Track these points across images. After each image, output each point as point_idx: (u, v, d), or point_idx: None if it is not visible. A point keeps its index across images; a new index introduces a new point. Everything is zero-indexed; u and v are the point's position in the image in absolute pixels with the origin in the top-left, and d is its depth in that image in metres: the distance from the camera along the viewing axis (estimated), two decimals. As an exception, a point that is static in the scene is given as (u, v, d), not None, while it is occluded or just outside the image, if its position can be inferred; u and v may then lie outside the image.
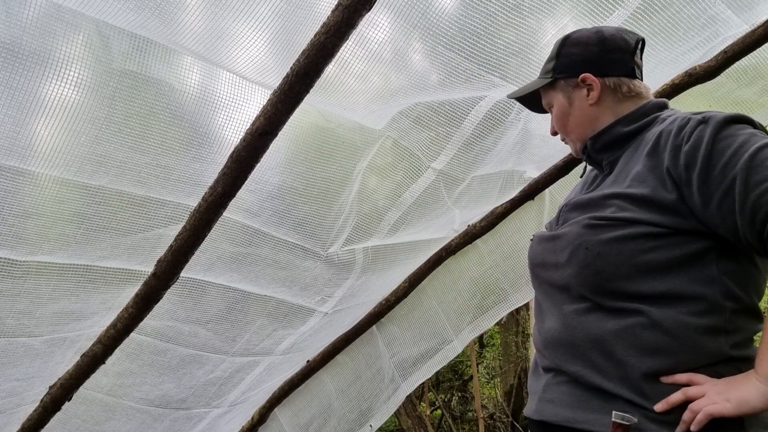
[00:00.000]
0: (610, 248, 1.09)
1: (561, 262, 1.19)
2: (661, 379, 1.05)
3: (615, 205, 1.13)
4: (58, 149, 1.47)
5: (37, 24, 1.30)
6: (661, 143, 1.12)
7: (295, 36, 1.46)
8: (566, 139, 1.40)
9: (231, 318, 2.20)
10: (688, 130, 1.08)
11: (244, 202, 1.84)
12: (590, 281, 1.12)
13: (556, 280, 1.21)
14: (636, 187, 1.11)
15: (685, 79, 2.04)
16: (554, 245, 1.22)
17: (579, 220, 1.18)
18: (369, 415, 2.93)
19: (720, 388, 1.00)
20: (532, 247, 1.34)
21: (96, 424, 2.29)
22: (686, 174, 1.05)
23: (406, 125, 1.92)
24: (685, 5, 1.70)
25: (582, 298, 1.15)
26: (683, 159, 1.06)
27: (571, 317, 1.16)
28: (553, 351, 1.19)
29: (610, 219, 1.12)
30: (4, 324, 1.76)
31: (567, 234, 1.19)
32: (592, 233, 1.13)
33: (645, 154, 1.14)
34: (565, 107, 1.35)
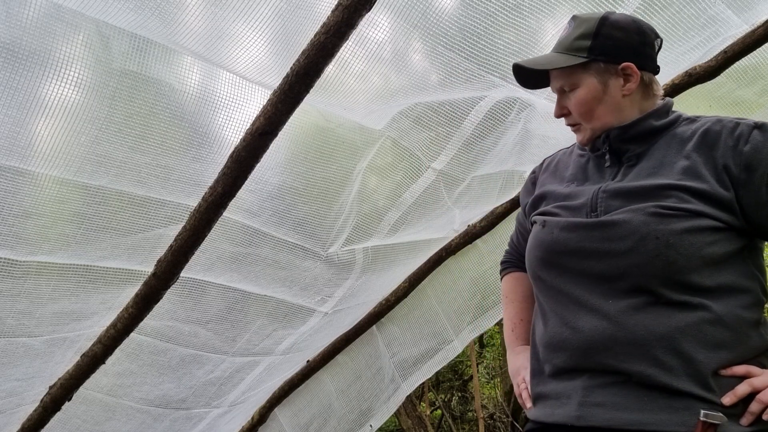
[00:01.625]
0: (681, 239, 1.08)
1: (618, 250, 1.11)
2: (720, 372, 1.05)
3: (675, 196, 1.11)
4: (58, 149, 1.47)
5: (37, 24, 1.30)
6: (709, 141, 1.15)
7: (295, 36, 1.46)
8: (581, 124, 1.28)
9: (231, 318, 2.20)
10: (743, 133, 1.13)
11: (244, 202, 1.84)
12: (659, 272, 1.08)
13: (602, 270, 1.13)
14: (692, 181, 1.12)
15: (685, 79, 2.04)
16: (605, 233, 1.13)
17: (639, 207, 1.11)
18: (369, 415, 2.94)
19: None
20: (551, 234, 1.22)
21: (96, 424, 2.29)
22: (746, 174, 1.10)
23: (406, 125, 1.92)
24: (685, 5, 1.70)
25: (640, 291, 1.09)
26: (743, 159, 1.11)
27: (626, 313, 1.08)
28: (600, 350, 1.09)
29: (678, 209, 1.09)
30: (4, 324, 1.76)
31: (628, 221, 1.11)
32: (660, 222, 1.09)
33: (691, 150, 1.16)
34: (597, 92, 1.24)
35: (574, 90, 1.26)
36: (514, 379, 1.37)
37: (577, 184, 1.29)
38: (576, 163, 1.34)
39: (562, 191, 1.29)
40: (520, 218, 1.53)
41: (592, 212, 1.18)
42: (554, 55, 1.28)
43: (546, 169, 1.42)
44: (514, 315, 1.48)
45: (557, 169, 1.38)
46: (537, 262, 1.25)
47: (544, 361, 1.21)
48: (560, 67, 1.26)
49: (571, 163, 1.36)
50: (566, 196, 1.27)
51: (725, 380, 1.05)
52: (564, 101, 1.29)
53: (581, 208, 1.21)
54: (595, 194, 1.20)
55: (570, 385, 1.13)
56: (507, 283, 1.54)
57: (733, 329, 1.07)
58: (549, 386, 1.18)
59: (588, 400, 1.09)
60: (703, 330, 1.06)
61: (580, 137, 1.31)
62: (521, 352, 1.40)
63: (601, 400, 1.08)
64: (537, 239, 1.26)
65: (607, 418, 1.06)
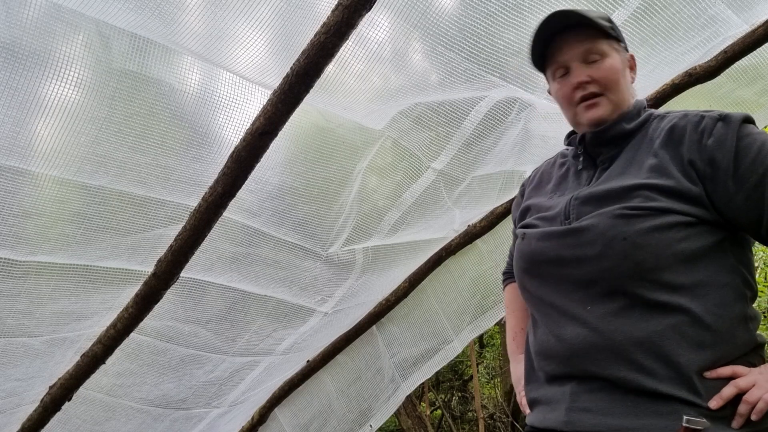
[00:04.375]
0: (648, 238, 1.07)
1: (589, 255, 1.11)
2: (705, 374, 1.03)
3: (641, 195, 1.10)
4: (58, 149, 1.47)
5: (37, 24, 1.30)
6: (675, 137, 1.15)
7: (295, 36, 1.46)
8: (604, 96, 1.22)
9: (231, 318, 2.20)
10: (707, 126, 1.12)
11: (244, 202, 1.84)
12: (630, 273, 1.07)
13: (579, 277, 1.13)
14: (659, 179, 1.11)
15: (685, 79, 2.04)
16: (576, 239, 1.13)
17: (605, 211, 1.11)
18: (369, 415, 2.94)
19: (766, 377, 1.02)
20: (530, 245, 1.23)
21: (96, 424, 2.29)
22: (711, 169, 1.09)
23: (406, 125, 1.92)
24: (685, 5, 1.70)
25: (615, 295, 1.08)
26: (707, 153, 1.09)
27: (605, 319, 1.08)
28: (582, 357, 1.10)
29: (643, 209, 1.08)
30: (4, 324, 1.76)
31: (594, 226, 1.11)
32: (626, 224, 1.08)
33: (658, 148, 1.16)
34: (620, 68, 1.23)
35: (604, 58, 1.22)
36: (516, 386, 1.39)
37: (558, 194, 1.29)
38: (557, 173, 1.35)
39: (545, 203, 1.30)
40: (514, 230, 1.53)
41: (566, 220, 1.19)
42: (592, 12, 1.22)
43: (532, 182, 1.43)
44: (514, 324, 1.51)
45: (541, 182, 1.39)
46: (521, 273, 1.27)
47: (538, 368, 1.22)
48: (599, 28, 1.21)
49: (554, 173, 1.36)
50: (547, 207, 1.28)
51: (712, 382, 1.03)
52: (587, 70, 1.22)
53: (556, 217, 1.22)
54: (568, 202, 1.21)
55: (559, 391, 1.14)
56: (508, 294, 1.57)
57: (714, 328, 1.05)
58: (541, 392, 1.20)
59: (575, 406, 1.10)
60: (683, 331, 1.04)
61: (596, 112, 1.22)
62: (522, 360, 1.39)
63: (587, 405, 1.08)
64: (519, 251, 1.28)
65: (594, 423, 1.06)
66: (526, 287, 1.27)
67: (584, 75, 1.22)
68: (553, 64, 1.27)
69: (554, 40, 1.25)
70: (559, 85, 1.27)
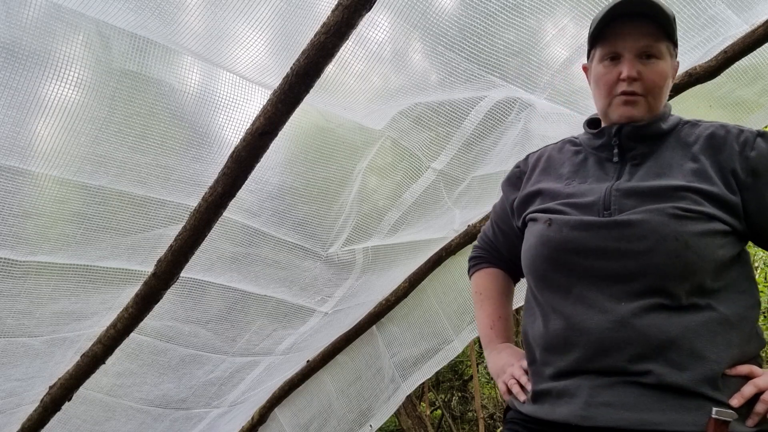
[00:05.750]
0: (698, 241, 1.08)
1: (637, 250, 1.09)
2: (726, 371, 1.05)
3: (689, 198, 1.11)
4: (58, 149, 1.47)
5: (37, 24, 1.30)
6: (715, 144, 1.17)
7: (295, 36, 1.46)
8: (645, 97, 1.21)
9: (231, 318, 2.20)
10: (748, 139, 1.16)
11: (244, 202, 1.84)
12: (677, 273, 1.07)
13: (617, 270, 1.10)
14: (703, 183, 1.13)
15: (685, 79, 2.04)
16: (623, 232, 1.11)
17: (656, 208, 1.10)
18: (369, 415, 2.94)
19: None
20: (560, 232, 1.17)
21: (96, 424, 2.29)
22: (752, 179, 1.13)
23: (406, 125, 1.92)
24: (685, 5, 1.70)
25: (653, 292, 1.08)
26: (750, 164, 1.13)
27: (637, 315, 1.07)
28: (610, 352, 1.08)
29: (694, 211, 1.09)
30: (4, 324, 1.76)
31: (646, 221, 1.09)
32: (679, 224, 1.08)
33: (698, 153, 1.17)
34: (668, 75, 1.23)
35: (658, 60, 1.20)
36: (498, 376, 1.31)
37: (579, 181, 1.25)
38: (572, 161, 1.30)
39: (564, 189, 1.25)
40: (500, 214, 1.45)
41: (605, 211, 1.15)
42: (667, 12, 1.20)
43: (535, 165, 1.36)
44: (492, 312, 1.43)
45: (550, 166, 1.33)
46: (542, 260, 1.20)
47: (542, 362, 1.18)
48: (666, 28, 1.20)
49: (566, 160, 1.31)
50: (571, 194, 1.22)
51: (729, 381, 1.05)
52: (638, 66, 1.19)
53: (592, 206, 1.17)
54: (607, 192, 1.17)
55: (574, 384, 1.11)
56: (481, 279, 1.49)
57: (739, 329, 1.09)
58: (549, 385, 1.15)
59: (595, 400, 1.07)
60: (714, 329, 1.06)
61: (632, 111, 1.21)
62: (504, 349, 1.37)
63: (608, 399, 1.06)
64: (543, 237, 1.20)
65: (616, 418, 1.04)
66: (544, 276, 1.20)
67: (635, 71, 1.19)
68: (607, 45, 1.22)
69: (618, 23, 1.20)
70: (606, 69, 1.23)
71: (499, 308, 1.44)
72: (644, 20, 1.20)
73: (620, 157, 1.23)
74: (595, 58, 1.26)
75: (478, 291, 1.48)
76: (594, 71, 1.27)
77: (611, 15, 1.20)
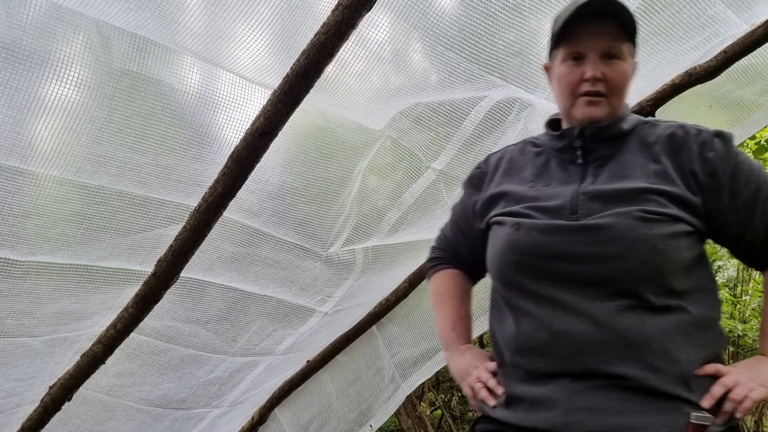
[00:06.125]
0: (665, 244, 1.08)
1: (607, 254, 1.09)
2: (694, 372, 1.06)
3: (653, 200, 1.11)
4: (58, 149, 1.48)
5: (37, 24, 1.30)
6: (675, 145, 1.17)
7: (295, 36, 1.46)
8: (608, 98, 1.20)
9: (231, 318, 2.21)
10: (706, 140, 1.16)
11: (244, 202, 1.84)
12: (648, 276, 1.08)
13: (589, 274, 1.10)
14: (666, 185, 1.13)
15: (685, 79, 2.04)
16: (592, 236, 1.10)
17: (624, 211, 1.10)
18: (369, 415, 2.94)
19: (748, 375, 1.07)
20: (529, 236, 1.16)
21: (96, 424, 2.29)
22: (712, 180, 1.14)
23: (406, 125, 1.92)
24: (685, 5, 1.70)
25: (624, 295, 1.07)
26: (709, 166, 1.14)
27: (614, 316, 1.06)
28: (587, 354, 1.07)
29: (660, 214, 1.10)
30: (4, 324, 1.76)
31: (614, 225, 1.09)
32: (647, 227, 1.08)
33: (659, 154, 1.17)
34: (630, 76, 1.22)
35: (620, 60, 1.20)
36: (463, 379, 1.28)
37: (543, 184, 1.23)
38: (534, 163, 1.28)
39: (528, 192, 1.23)
40: (462, 215, 1.41)
41: (572, 214, 1.15)
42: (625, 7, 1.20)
43: (497, 166, 1.34)
44: (453, 312, 1.40)
45: (512, 168, 1.31)
46: (511, 264, 1.19)
47: (513, 364, 1.16)
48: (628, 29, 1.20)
49: (528, 162, 1.29)
50: (536, 198, 1.21)
51: (699, 381, 1.07)
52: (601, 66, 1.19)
53: (559, 210, 1.16)
54: (574, 196, 1.16)
55: (550, 390, 1.09)
56: (441, 280, 1.45)
57: (707, 329, 1.11)
58: (522, 389, 1.13)
59: (575, 406, 1.06)
60: (685, 331, 1.08)
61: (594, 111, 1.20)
62: (466, 351, 1.33)
63: (588, 404, 1.05)
64: (510, 242, 1.19)
65: (597, 424, 1.03)
66: (513, 280, 1.19)
67: (599, 71, 1.19)
68: (571, 46, 1.21)
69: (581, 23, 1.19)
70: (569, 69, 1.22)
71: (460, 309, 1.41)
72: (607, 20, 1.19)
73: (584, 159, 1.22)
74: (558, 58, 1.25)
75: (438, 292, 1.44)
76: (557, 71, 1.25)
77: (575, 15, 1.19)
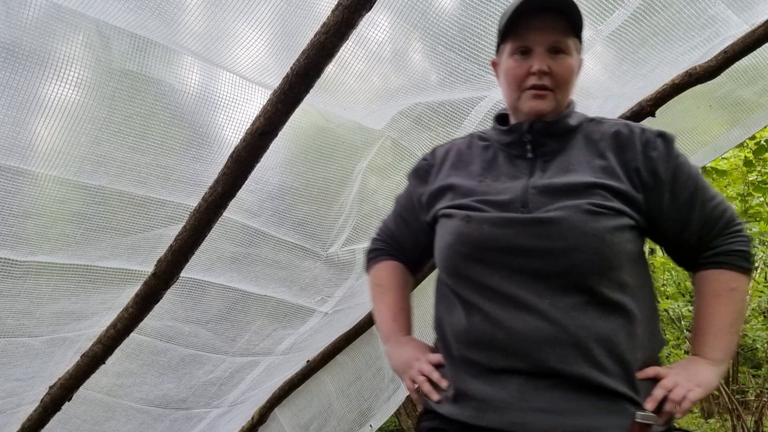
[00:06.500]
0: (612, 236, 1.10)
1: (558, 248, 1.09)
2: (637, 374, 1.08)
3: (599, 194, 1.13)
4: (58, 149, 1.48)
5: (37, 24, 1.30)
6: (620, 143, 1.20)
7: (295, 36, 1.46)
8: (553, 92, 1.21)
9: (231, 318, 2.21)
10: (650, 139, 1.19)
11: (244, 202, 1.84)
12: (597, 269, 1.08)
13: (540, 268, 1.10)
14: (611, 180, 1.15)
15: (685, 79, 2.04)
16: (544, 230, 1.10)
17: (573, 205, 1.11)
18: (369, 415, 2.93)
19: (685, 376, 1.09)
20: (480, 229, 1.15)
21: (96, 424, 2.29)
22: (654, 179, 1.17)
23: (406, 125, 1.92)
24: (685, 5, 1.70)
25: (576, 290, 1.08)
26: (652, 165, 1.17)
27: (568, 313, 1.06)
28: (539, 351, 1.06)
29: (606, 207, 1.11)
30: (4, 324, 1.76)
31: (565, 219, 1.10)
32: (595, 220, 1.09)
33: (604, 150, 1.19)
34: (576, 71, 1.23)
35: (566, 55, 1.20)
36: (404, 372, 1.25)
37: (492, 179, 1.23)
38: (482, 157, 1.27)
39: (477, 187, 1.22)
40: (407, 207, 1.38)
41: (523, 208, 1.15)
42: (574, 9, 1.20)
43: (444, 159, 1.32)
44: (393, 304, 1.37)
45: (460, 161, 1.29)
46: (462, 257, 1.16)
47: (462, 358, 1.14)
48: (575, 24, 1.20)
49: (476, 156, 1.28)
50: (485, 192, 1.20)
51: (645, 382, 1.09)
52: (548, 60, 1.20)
53: (509, 203, 1.16)
54: (524, 190, 1.16)
55: (502, 388, 1.08)
56: (381, 271, 1.42)
57: (648, 328, 1.12)
58: (473, 385, 1.11)
59: (528, 406, 1.05)
60: (630, 330, 1.08)
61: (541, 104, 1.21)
62: (407, 343, 1.30)
63: (541, 405, 1.04)
64: (462, 234, 1.17)
65: (552, 425, 1.03)
66: (463, 273, 1.17)
67: (545, 65, 1.19)
68: (518, 40, 1.21)
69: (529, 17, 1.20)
70: (516, 63, 1.22)
71: (400, 300, 1.38)
72: (554, 15, 1.20)
73: (533, 154, 1.23)
74: (505, 52, 1.25)
75: (379, 283, 1.42)
76: (504, 65, 1.25)
77: (522, 9, 1.19)
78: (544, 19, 1.20)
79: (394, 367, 1.31)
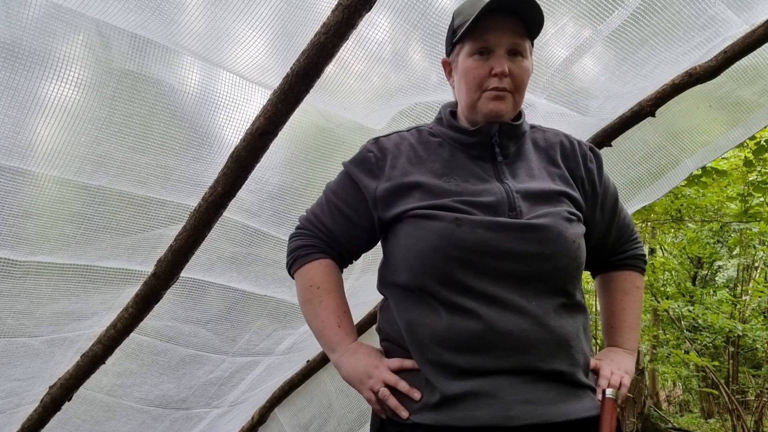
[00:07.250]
0: (581, 242, 1.20)
1: (544, 253, 1.12)
2: None
3: (566, 202, 1.21)
4: (58, 149, 1.48)
5: (37, 24, 1.30)
6: (566, 154, 1.28)
7: (295, 36, 1.46)
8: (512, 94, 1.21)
9: (231, 318, 2.21)
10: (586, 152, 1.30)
11: (244, 202, 1.84)
12: (573, 273, 1.18)
13: (525, 272, 1.12)
14: (570, 189, 1.24)
15: (685, 79, 2.04)
16: (535, 235, 1.12)
17: (555, 212, 1.17)
18: (369, 415, 2.93)
19: (616, 366, 1.24)
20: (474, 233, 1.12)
21: (96, 424, 2.29)
22: (592, 189, 1.28)
23: (406, 125, 1.92)
24: (685, 5, 1.70)
25: (554, 292, 1.14)
26: (591, 176, 1.28)
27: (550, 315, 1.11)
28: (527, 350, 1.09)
29: (574, 215, 1.20)
30: (4, 324, 1.76)
31: (551, 226, 1.13)
32: (571, 227, 1.18)
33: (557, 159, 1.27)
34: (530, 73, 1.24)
35: (523, 58, 1.21)
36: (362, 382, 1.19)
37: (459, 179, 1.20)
38: (439, 154, 1.24)
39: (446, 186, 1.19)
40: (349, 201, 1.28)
41: (511, 212, 1.15)
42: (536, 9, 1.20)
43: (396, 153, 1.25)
44: (336, 308, 1.27)
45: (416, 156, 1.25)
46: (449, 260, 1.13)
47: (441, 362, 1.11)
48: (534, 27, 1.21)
49: (432, 152, 1.25)
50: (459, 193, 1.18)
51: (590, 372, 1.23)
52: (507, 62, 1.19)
53: (496, 206, 1.15)
54: (509, 194, 1.17)
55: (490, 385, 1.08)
56: (317, 271, 1.29)
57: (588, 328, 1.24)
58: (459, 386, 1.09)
59: (517, 398, 1.08)
60: (587, 328, 1.21)
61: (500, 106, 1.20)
62: (358, 350, 1.24)
63: (528, 397, 1.09)
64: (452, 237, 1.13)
65: (539, 414, 1.08)
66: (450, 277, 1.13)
67: (506, 67, 1.18)
68: (479, 40, 1.20)
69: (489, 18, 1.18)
70: (476, 64, 1.20)
71: (342, 304, 1.29)
72: (513, 17, 1.19)
73: (503, 156, 1.24)
74: (463, 52, 1.23)
75: (315, 284, 1.28)
76: (462, 65, 1.23)
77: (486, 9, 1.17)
78: (504, 20, 1.19)
79: (348, 378, 1.23)
